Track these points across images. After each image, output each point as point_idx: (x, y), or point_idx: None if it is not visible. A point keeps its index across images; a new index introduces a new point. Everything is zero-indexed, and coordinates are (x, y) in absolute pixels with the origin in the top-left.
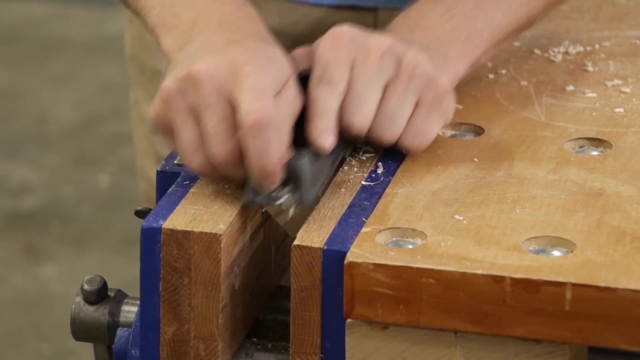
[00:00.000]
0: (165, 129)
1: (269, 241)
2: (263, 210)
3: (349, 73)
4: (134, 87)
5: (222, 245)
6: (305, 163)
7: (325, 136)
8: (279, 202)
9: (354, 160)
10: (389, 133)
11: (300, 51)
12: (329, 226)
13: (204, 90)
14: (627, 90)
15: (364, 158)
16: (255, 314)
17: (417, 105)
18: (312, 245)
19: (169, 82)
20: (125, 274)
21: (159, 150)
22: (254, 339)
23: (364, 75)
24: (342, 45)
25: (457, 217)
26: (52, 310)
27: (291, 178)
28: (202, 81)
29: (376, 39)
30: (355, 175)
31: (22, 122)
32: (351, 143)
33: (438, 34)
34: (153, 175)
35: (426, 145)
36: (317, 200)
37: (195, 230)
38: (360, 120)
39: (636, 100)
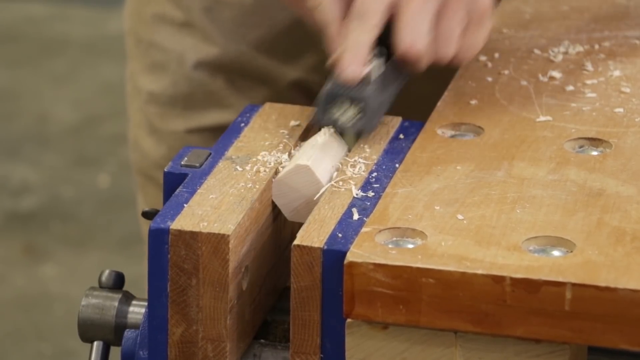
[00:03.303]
0: None
1: (276, 242)
2: (274, 208)
3: (387, 6)
4: (130, 60)
5: (230, 246)
6: (372, 92)
7: (353, 68)
8: (343, 125)
9: (354, 160)
10: (447, 53)
11: None
12: (329, 226)
13: None
14: (627, 90)
15: (364, 158)
16: (263, 315)
17: (464, 21)
18: (312, 245)
19: None
20: (125, 273)
21: (153, 120)
22: (262, 340)
23: (415, 6)
24: None
25: (457, 217)
26: (52, 310)
27: (358, 104)
28: None
29: None
30: (356, 175)
31: (22, 122)
32: (407, 75)
33: None
34: (146, 145)
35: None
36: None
37: (203, 231)
38: (418, 50)
39: (636, 100)
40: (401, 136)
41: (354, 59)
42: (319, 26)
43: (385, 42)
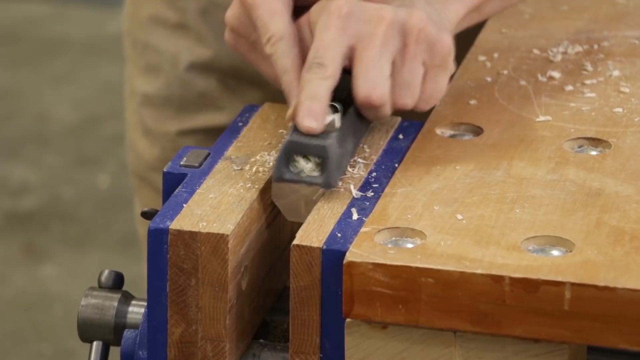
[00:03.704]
0: None
1: (275, 242)
2: (274, 208)
3: (343, 54)
4: (127, 62)
5: (229, 246)
6: (333, 144)
7: (310, 119)
8: (305, 180)
9: (353, 160)
10: (409, 100)
11: (304, 19)
12: (328, 226)
13: None
14: (626, 90)
15: (363, 158)
16: (262, 315)
17: (425, 67)
18: (312, 245)
19: None
20: (125, 273)
21: (147, 122)
22: (261, 340)
23: (372, 53)
24: (337, 24)
25: (456, 216)
26: (52, 310)
27: (319, 157)
28: None
29: (377, 10)
30: (355, 175)
31: (22, 122)
32: (368, 125)
33: None
34: (140, 147)
35: (438, 102)
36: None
37: (203, 231)
38: (379, 95)
39: (635, 100)
40: (400, 136)
41: (312, 110)
42: (275, 75)
43: (344, 91)
